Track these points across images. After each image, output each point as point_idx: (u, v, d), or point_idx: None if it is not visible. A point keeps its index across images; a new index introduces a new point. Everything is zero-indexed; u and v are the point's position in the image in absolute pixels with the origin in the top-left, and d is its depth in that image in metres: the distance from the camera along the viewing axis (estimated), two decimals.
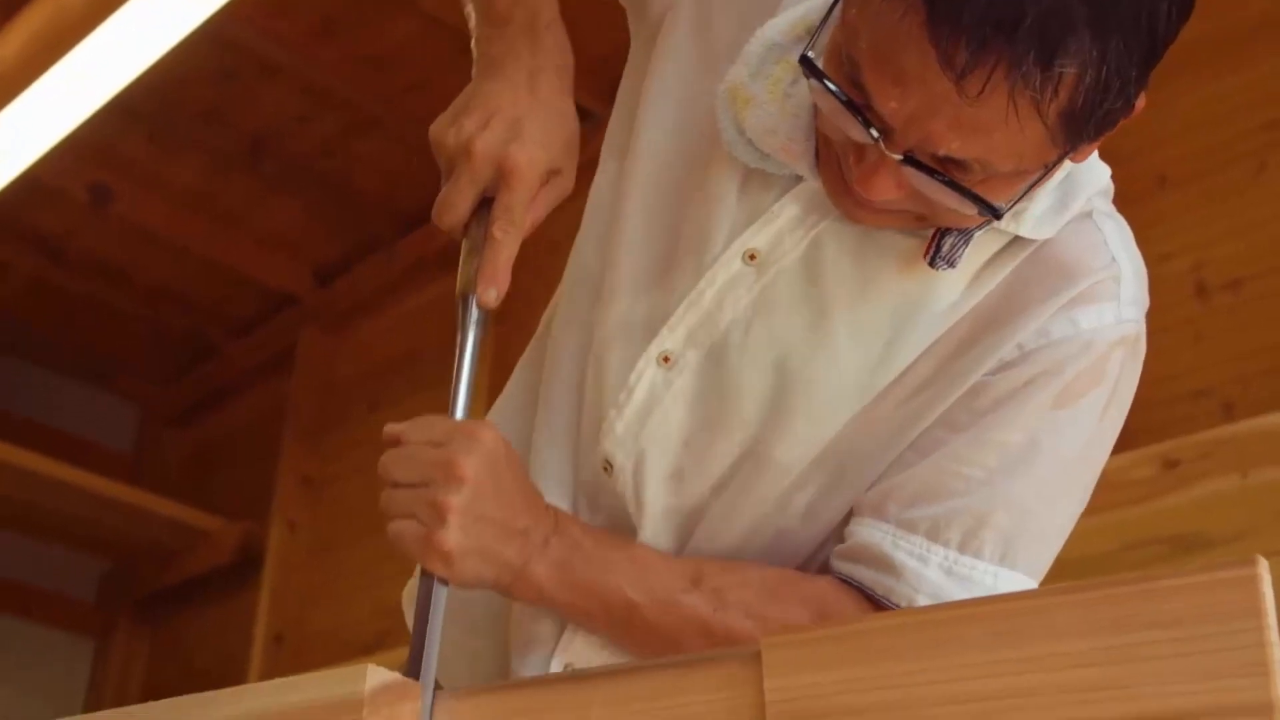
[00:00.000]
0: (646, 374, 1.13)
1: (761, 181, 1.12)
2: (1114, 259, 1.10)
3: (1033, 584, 1.07)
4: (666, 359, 1.13)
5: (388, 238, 4.40)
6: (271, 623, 4.12)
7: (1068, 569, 1.05)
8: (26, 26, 3.20)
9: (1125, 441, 1.18)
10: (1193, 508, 2.33)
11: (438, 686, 0.91)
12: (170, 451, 5.27)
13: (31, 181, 3.73)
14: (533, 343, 1.32)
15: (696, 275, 1.12)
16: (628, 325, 1.16)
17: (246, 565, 4.37)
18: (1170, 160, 2.73)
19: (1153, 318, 1.14)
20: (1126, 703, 0.64)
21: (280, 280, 4.67)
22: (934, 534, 1.06)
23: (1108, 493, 1.12)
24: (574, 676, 0.84)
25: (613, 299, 1.17)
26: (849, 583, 1.08)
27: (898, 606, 1.04)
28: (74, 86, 3.22)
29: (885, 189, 0.98)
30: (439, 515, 0.98)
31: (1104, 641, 0.65)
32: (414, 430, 1.03)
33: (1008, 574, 1.05)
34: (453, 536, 0.98)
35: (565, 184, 1.14)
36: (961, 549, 1.05)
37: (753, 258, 1.11)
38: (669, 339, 1.13)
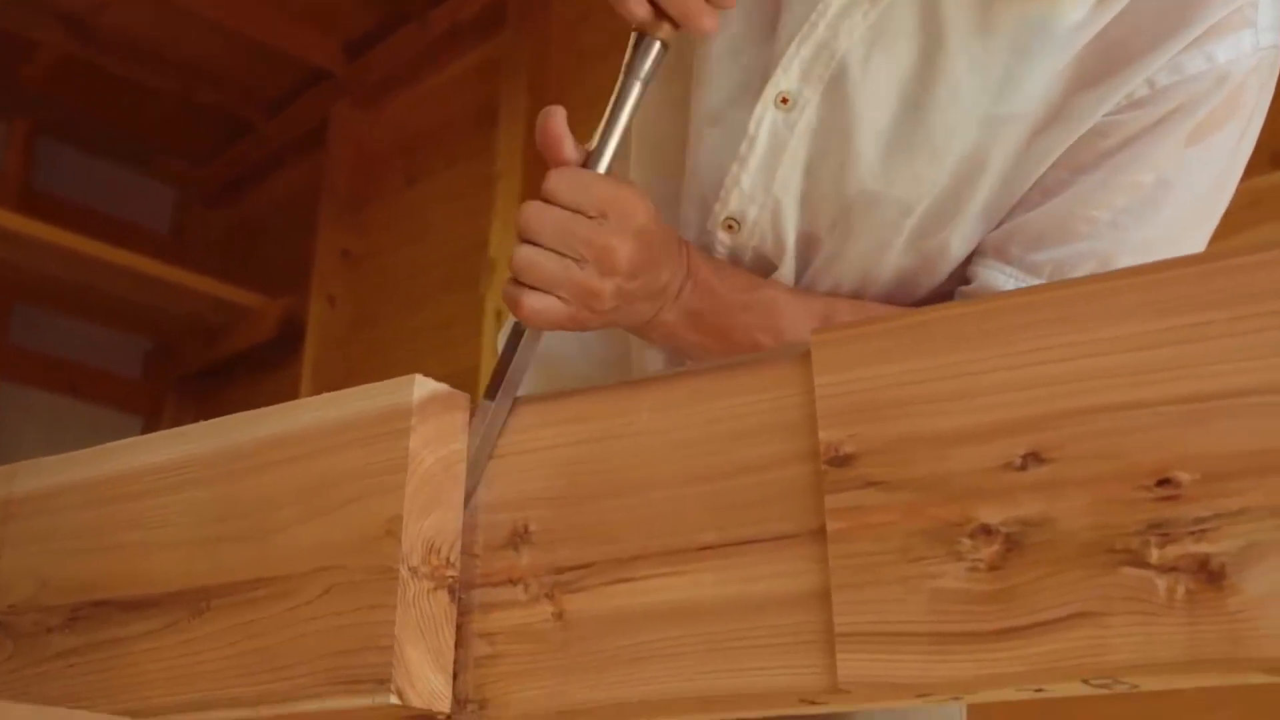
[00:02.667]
0: (766, 119, 1.08)
1: None
2: None
3: None
4: (785, 100, 1.08)
5: (419, 7, 4.30)
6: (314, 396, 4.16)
7: None
8: None
9: None
10: None
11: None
12: (208, 230, 5.28)
13: None
14: None
15: (808, 9, 1.06)
16: (739, 82, 1.11)
17: (288, 340, 4.40)
18: None
19: None
20: (1188, 382, 0.63)
21: (312, 54, 4.58)
22: (1058, 277, 1.03)
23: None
24: (626, 383, 0.83)
25: (717, 62, 1.12)
26: None
27: None
28: None
29: None
30: (587, 300, 0.94)
31: (1167, 322, 0.64)
32: (564, 190, 0.95)
33: None
34: (598, 321, 0.96)
35: None
36: None
37: None
38: (784, 79, 1.07)
